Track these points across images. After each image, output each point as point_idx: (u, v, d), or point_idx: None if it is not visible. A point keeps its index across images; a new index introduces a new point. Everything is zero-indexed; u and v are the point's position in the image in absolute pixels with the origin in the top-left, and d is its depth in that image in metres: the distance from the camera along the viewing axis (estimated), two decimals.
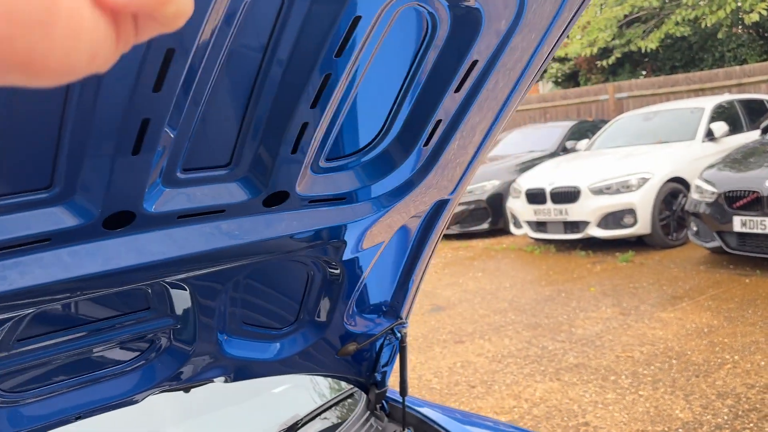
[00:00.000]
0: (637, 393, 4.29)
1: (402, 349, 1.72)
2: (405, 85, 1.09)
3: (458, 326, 6.07)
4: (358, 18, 0.89)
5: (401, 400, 1.79)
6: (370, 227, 1.28)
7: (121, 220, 0.94)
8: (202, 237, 1.03)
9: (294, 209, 1.13)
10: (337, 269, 1.37)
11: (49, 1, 0.31)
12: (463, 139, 1.20)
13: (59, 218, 0.87)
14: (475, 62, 1.06)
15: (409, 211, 1.31)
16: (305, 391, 2.04)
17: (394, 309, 1.66)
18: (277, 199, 1.09)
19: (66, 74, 0.33)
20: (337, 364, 1.72)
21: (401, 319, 1.71)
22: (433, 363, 5.20)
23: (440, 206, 1.37)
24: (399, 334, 1.70)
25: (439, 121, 1.14)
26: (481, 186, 10.42)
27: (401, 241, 1.42)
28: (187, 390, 1.49)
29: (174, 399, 1.61)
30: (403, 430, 1.79)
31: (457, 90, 1.09)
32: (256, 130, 0.97)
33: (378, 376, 1.83)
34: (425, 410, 1.84)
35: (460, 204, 10.27)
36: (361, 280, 1.44)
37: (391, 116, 1.13)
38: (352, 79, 0.98)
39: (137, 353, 1.32)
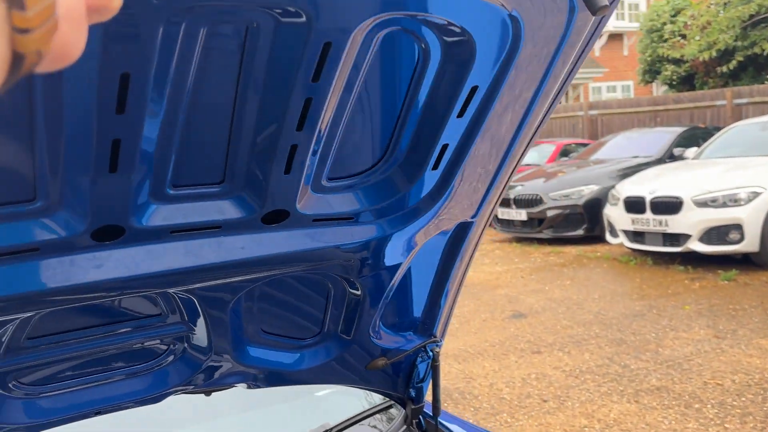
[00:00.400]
0: (722, 425, 4.00)
1: (435, 368, 1.68)
2: (404, 109, 1.06)
3: (538, 336, 5.89)
4: (329, 44, 0.86)
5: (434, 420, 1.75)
6: (386, 247, 1.24)
7: (111, 233, 0.95)
8: (197, 252, 1.03)
9: (296, 227, 1.11)
10: (356, 286, 1.35)
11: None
12: (477, 162, 1.14)
13: (45, 229, 0.89)
14: (475, 87, 1.00)
15: (427, 232, 1.26)
16: (347, 397, 2.03)
17: (426, 327, 1.63)
18: (277, 217, 1.08)
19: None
20: (369, 377, 1.70)
21: (435, 337, 1.67)
22: (506, 372, 5.08)
23: (463, 228, 1.32)
24: (431, 353, 1.66)
25: (446, 145, 1.10)
26: (578, 190, 10.06)
27: (425, 262, 1.38)
28: (208, 393, 1.51)
29: (201, 398, 1.63)
30: None
31: (460, 115, 1.04)
32: (244, 150, 0.96)
33: (413, 392, 1.79)
34: (454, 427, 1.79)
35: (554, 208, 9.97)
36: (383, 298, 1.41)
37: (393, 139, 1.10)
38: (342, 103, 0.96)
39: (155, 356, 1.34)
